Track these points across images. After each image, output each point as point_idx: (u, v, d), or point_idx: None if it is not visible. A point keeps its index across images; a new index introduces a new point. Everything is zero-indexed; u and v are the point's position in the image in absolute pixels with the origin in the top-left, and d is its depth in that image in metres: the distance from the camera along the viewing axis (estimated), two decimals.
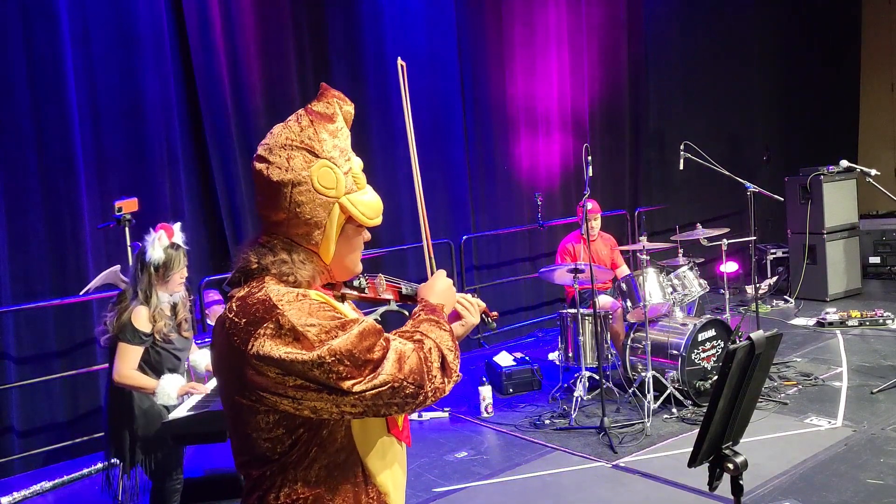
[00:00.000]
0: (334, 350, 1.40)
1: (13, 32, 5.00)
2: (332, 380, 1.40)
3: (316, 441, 1.50)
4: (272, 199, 1.54)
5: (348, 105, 1.65)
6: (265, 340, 1.42)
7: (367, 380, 1.42)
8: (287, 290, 1.49)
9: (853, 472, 4.03)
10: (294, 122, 1.57)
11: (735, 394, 2.00)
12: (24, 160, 5.08)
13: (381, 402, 1.44)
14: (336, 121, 1.60)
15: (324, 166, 1.54)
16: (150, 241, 3.41)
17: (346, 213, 1.57)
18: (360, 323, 1.47)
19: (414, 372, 1.46)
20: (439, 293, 1.74)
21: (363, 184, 1.62)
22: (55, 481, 4.76)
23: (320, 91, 1.63)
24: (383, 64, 6.82)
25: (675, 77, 9.31)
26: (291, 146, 1.54)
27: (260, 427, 1.48)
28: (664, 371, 5.21)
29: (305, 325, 1.42)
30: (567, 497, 4.08)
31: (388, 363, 1.45)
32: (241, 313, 1.47)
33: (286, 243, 1.56)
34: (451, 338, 1.59)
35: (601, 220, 6.11)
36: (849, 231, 8.43)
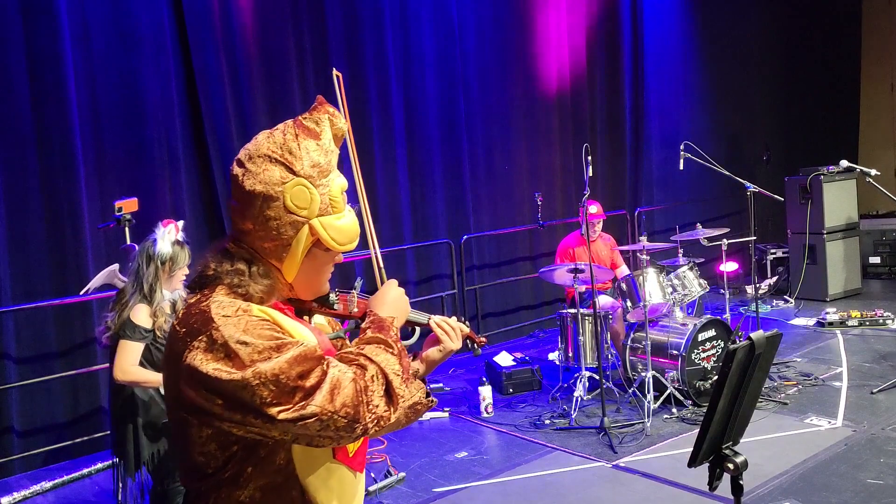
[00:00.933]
0: (260, 373, 1.33)
1: (13, 32, 5.00)
2: (256, 404, 1.33)
3: (252, 461, 1.43)
4: (243, 207, 1.50)
5: (341, 122, 1.59)
6: (197, 353, 1.36)
7: (294, 408, 1.34)
8: (230, 303, 1.43)
9: (853, 472, 4.03)
10: (279, 132, 1.52)
11: (735, 394, 2.00)
12: (24, 160, 5.08)
13: (310, 434, 1.37)
14: (322, 138, 1.54)
15: (299, 185, 1.48)
16: (158, 235, 3.40)
17: (316, 236, 1.51)
18: (298, 346, 1.39)
19: (347, 405, 1.38)
20: (390, 304, 1.65)
21: (340, 207, 1.54)
22: (55, 481, 4.76)
23: (315, 103, 1.58)
24: (384, 64, 6.82)
25: (675, 77, 9.31)
26: (270, 158, 1.48)
27: (194, 440, 1.42)
28: (664, 371, 5.21)
29: (238, 343, 1.36)
30: (567, 497, 4.08)
31: (319, 394, 1.36)
32: (182, 322, 1.43)
33: (249, 254, 1.51)
34: (398, 361, 1.49)
35: (602, 221, 6.11)
36: (849, 231, 8.43)
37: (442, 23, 7.21)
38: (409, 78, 7.04)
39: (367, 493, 4.23)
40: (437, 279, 7.30)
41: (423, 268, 7.23)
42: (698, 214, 9.08)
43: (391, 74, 6.89)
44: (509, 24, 7.73)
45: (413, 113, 7.08)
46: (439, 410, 5.55)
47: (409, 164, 7.07)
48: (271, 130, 1.53)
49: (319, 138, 1.53)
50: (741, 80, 10.10)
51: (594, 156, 6.67)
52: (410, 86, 7.05)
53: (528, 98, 7.89)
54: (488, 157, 7.65)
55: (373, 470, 4.51)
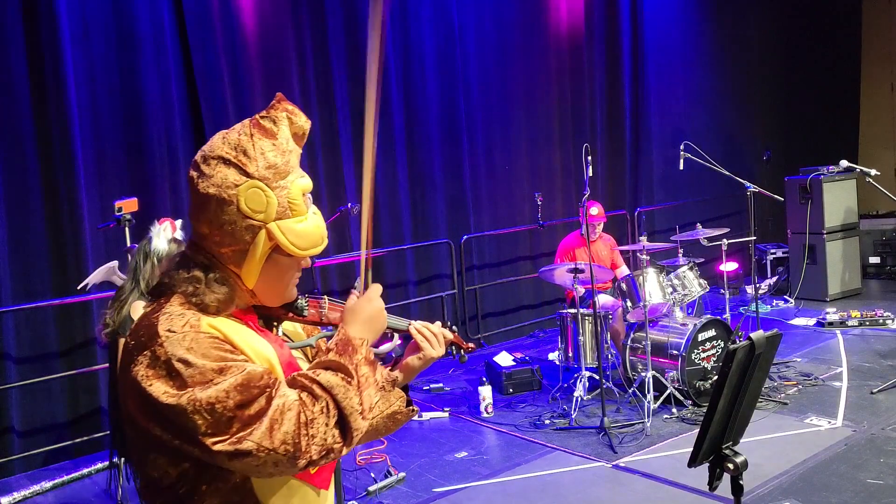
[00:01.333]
0: (195, 400, 1.26)
1: (13, 32, 5.00)
2: (190, 431, 1.27)
3: (205, 479, 1.36)
4: (198, 210, 1.43)
5: (301, 120, 1.51)
6: (140, 369, 1.31)
7: (230, 440, 1.27)
8: (179, 315, 1.36)
9: (853, 472, 4.03)
10: (235, 132, 1.44)
11: (735, 394, 2.00)
12: (24, 160, 5.08)
13: (248, 468, 1.31)
14: (279, 138, 1.45)
15: (253, 187, 1.40)
16: (155, 232, 3.40)
17: (274, 241, 1.42)
18: (242, 371, 1.31)
19: (287, 442, 1.30)
20: (363, 321, 1.50)
21: (301, 210, 1.45)
22: (55, 481, 4.76)
23: (273, 101, 1.50)
24: (384, 64, 6.80)
25: (675, 77, 9.31)
26: (223, 160, 1.41)
27: (147, 453, 1.36)
28: (664, 371, 5.21)
29: (180, 361, 1.29)
30: (567, 497, 4.08)
31: (258, 429, 1.28)
32: (132, 334, 1.37)
33: (207, 259, 1.44)
34: (356, 391, 1.39)
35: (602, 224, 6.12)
36: (849, 231, 8.43)
37: (442, 23, 7.21)
38: (410, 78, 7.04)
39: (367, 493, 4.24)
40: (437, 279, 7.30)
41: (423, 268, 7.23)
42: (698, 214, 9.07)
43: (391, 74, 6.89)
44: (510, 23, 7.73)
45: (413, 113, 7.08)
46: (439, 410, 5.55)
47: (409, 164, 7.07)
48: (228, 130, 1.46)
49: (276, 138, 1.45)
50: (741, 80, 10.11)
51: (594, 156, 6.67)
52: (411, 86, 7.05)
53: (529, 98, 7.89)
54: (488, 156, 7.65)
55: (373, 470, 4.51)
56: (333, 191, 6.56)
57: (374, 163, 1.68)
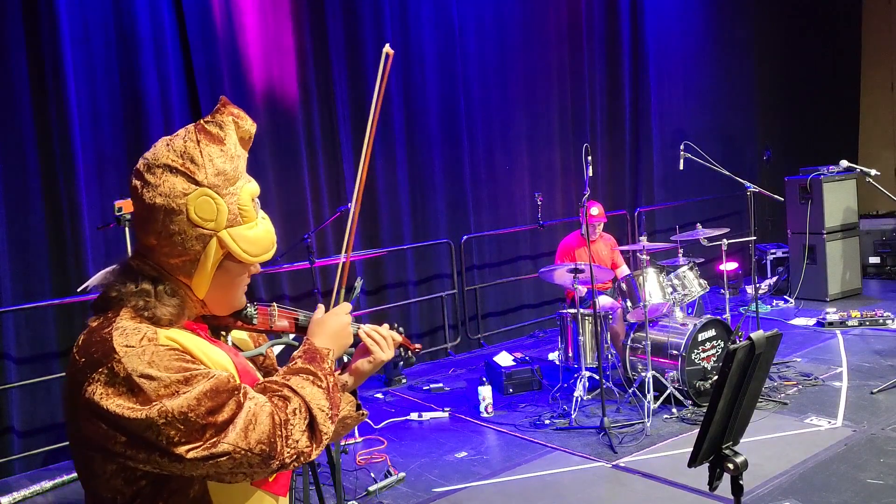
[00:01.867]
0: (166, 411, 1.23)
1: (13, 33, 5.00)
2: (162, 443, 1.24)
3: (162, 495, 1.33)
4: (145, 221, 1.38)
5: (247, 124, 1.48)
6: (97, 387, 1.25)
7: (205, 446, 1.25)
8: (134, 330, 1.31)
9: (853, 472, 4.03)
10: (180, 139, 1.40)
11: (735, 394, 2.00)
12: (24, 160, 5.08)
13: (222, 471, 1.29)
14: (227, 143, 1.42)
15: (203, 195, 1.36)
16: None
17: (225, 248, 1.39)
18: (209, 378, 1.29)
19: (262, 441, 1.29)
20: (330, 335, 1.51)
21: (252, 216, 1.42)
22: (55, 481, 4.76)
23: (217, 105, 1.46)
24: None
25: (675, 77, 9.31)
26: (170, 168, 1.36)
27: (97, 474, 1.32)
28: (664, 371, 5.21)
29: (142, 377, 1.25)
30: (567, 497, 4.08)
31: (233, 431, 1.27)
32: (82, 350, 1.31)
33: (156, 271, 1.40)
34: (325, 395, 1.40)
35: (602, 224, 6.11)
36: (849, 231, 8.43)
37: (442, 22, 7.21)
38: (410, 78, 7.04)
39: (367, 493, 4.24)
40: (437, 279, 7.31)
41: (423, 268, 7.23)
42: (698, 214, 9.08)
43: (391, 74, 6.88)
44: (510, 23, 7.73)
45: (413, 113, 7.08)
46: (439, 410, 5.55)
47: (409, 165, 7.07)
48: (171, 137, 1.42)
49: (224, 143, 1.41)
50: (741, 80, 10.11)
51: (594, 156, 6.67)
52: (411, 85, 7.05)
53: (529, 98, 7.89)
54: (488, 156, 7.65)
55: (373, 470, 4.51)
56: (334, 190, 6.56)
57: (360, 195, 1.70)
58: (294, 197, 6.30)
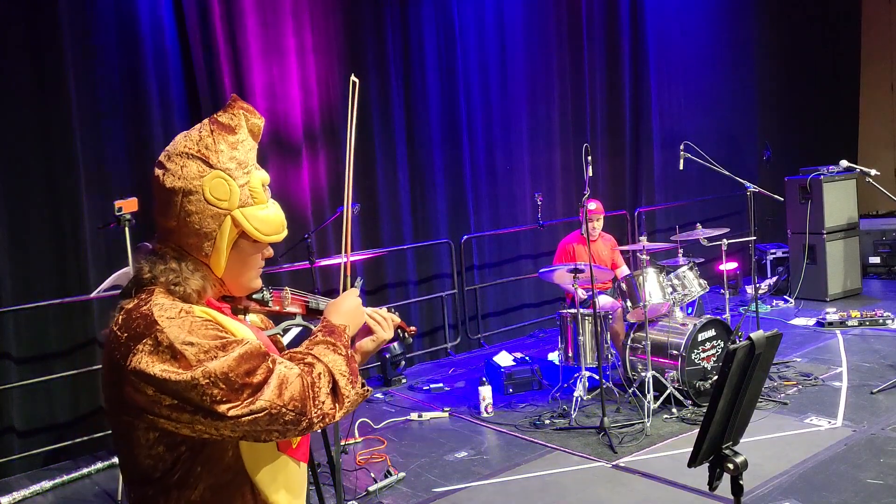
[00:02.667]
0: (209, 372, 1.35)
1: (13, 32, 5.00)
2: (206, 403, 1.35)
3: (199, 460, 1.44)
4: (164, 206, 1.53)
5: (256, 118, 1.62)
6: (143, 357, 1.37)
7: (244, 404, 1.37)
8: (171, 305, 1.44)
9: (853, 472, 4.03)
10: (196, 131, 1.55)
11: (735, 394, 2.00)
12: (25, 160, 5.08)
13: (259, 428, 1.40)
14: (238, 133, 1.57)
15: (217, 177, 1.51)
16: None
17: (239, 227, 1.53)
18: (243, 344, 1.41)
19: (295, 399, 1.41)
20: (345, 313, 1.66)
21: (262, 199, 1.56)
22: (55, 481, 4.76)
23: (229, 101, 1.60)
24: (384, 64, 6.82)
25: (675, 77, 9.31)
26: (188, 154, 1.52)
27: (140, 444, 1.43)
28: (664, 371, 5.22)
29: (184, 343, 1.37)
30: (567, 497, 4.08)
31: (268, 389, 1.39)
32: (123, 327, 1.43)
33: (177, 252, 1.53)
34: (345, 362, 1.54)
35: (602, 220, 6.11)
36: (849, 231, 8.43)
37: (442, 22, 7.21)
38: (410, 78, 7.04)
39: (367, 493, 4.24)
40: (437, 279, 7.31)
41: (423, 268, 7.23)
42: (698, 214, 9.07)
43: (391, 74, 6.89)
44: (509, 23, 7.72)
45: (413, 113, 7.08)
46: (439, 410, 5.55)
47: (409, 165, 7.07)
48: (188, 131, 1.57)
49: (236, 133, 1.56)
50: (741, 80, 10.10)
51: (594, 156, 6.67)
52: (411, 86, 7.05)
53: (529, 98, 7.89)
54: (488, 156, 7.65)
55: (373, 470, 4.51)
56: (335, 190, 6.56)
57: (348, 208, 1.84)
58: (294, 197, 6.31)
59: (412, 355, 7.05)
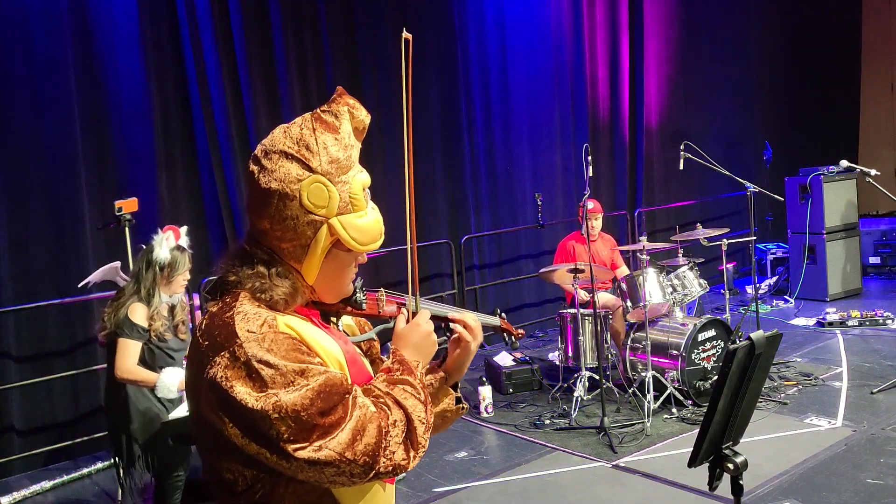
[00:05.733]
0: (280, 406, 1.26)
1: (13, 32, 5.00)
2: (273, 437, 1.27)
3: (282, 481, 1.36)
4: (259, 205, 1.42)
5: (363, 114, 1.51)
6: (218, 370, 1.30)
7: (312, 447, 1.27)
8: (255, 315, 1.35)
9: (853, 472, 4.03)
10: (297, 127, 1.43)
11: (735, 394, 2.00)
12: (25, 160, 5.08)
13: (321, 478, 1.30)
14: (341, 132, 1.45)
15: (316, 182, 1.39)
16: (157, 241, 3.44)
17: (335, 235, 1.42)
18: (323, 376, 1.31)
19: (367, 453, 1.30)
20: (416, 347, 1.52)
21: (362, 205, 1.46)
22: (55, 481, 4.76)
23: (334, 94, 1.48)
24: (384, 64, 6.82)
25: (675, 77, 9.31)
26: (286, 154, 1.40)
27: (221, 455, 1.36)
28: (664, 371, 5.21)
29: (260, 363, 1.28)
30: (567, 497, 4.08)
31: (341, 434, 1.29)
32: (206, 334, 1.36)
33: (268, 254, 1.43)
34: (424, 408, 1.41)
35: (602, 220, 6.11)
36: (849, 231, 8.43)
37: (442, 22, 7.21)
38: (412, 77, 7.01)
39: None
40: (437, 279, 7.31)
41: (423, 268, 7.22)
42: (698, 214, 9.07)
43: (392, 73, 6.88)
44: (510, 23, 7.73)
45: (414, 113, 7.04)
46: None
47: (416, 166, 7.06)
48: (289, 124, 1.45)
49: (338, 132, 1.45)
50: (741, 80, 10.10)
51: (594, 156, 6.67)
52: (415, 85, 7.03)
53: (529, 98, 7.89)
54: (489, 157, 7.65)
55: None
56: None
57: (412, 186, 1.64)
58: None
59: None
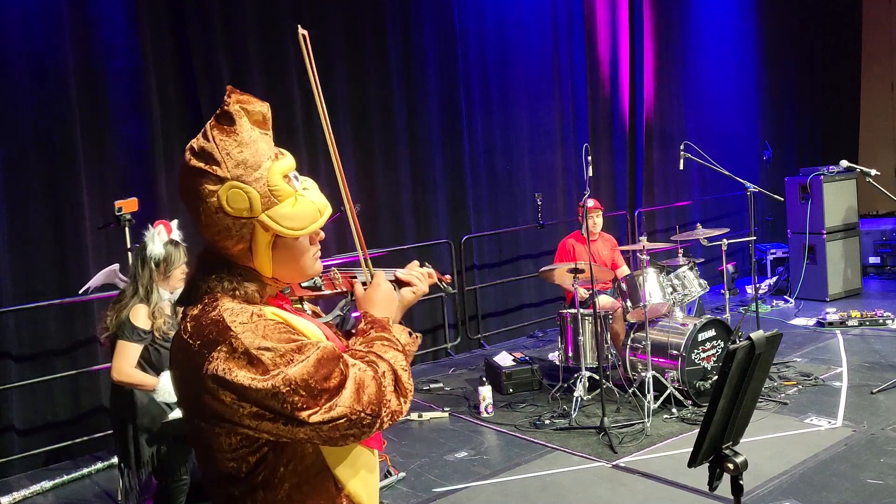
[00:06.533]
0: (289, 379, 1.34)
1: (14, 32, 5.00)
2: (287, 410, 1.35)
3: (283, 461, 1.45)
4: (197, 222, 1.48)
5: (256, 107, 1.52)
6: (219, 364, 1.36)
7: (323, 410, 1.36)
8: (241, 309, 1.43)
9: (853, 472, 4.03)
10: (198, 141, 1.48)
11: (735, 394, 2.00)
12: (26, 160, 5.08)
13: (336, 435, 1.40)
14: (241, 133, 1.47)
15: (231, 188, 1.43)
16: (149, 237, 3.42)
17: (270, 230, 1.47)
18: (318, 348, 1.40)
19: (372, 402, 1.41)
20: (381, 304, 1.64)
21: (286, 192, 1.48)
22: (55, 481, 4.76)
23: (224, 97, 1.50)
24: (384, 64, 6.82)
25: (675, 77, 9.32)
26: (196, 171, 1.45)
27: (222, 448, 1.44)
28: (664, 371, 5.22)
29: (259, 349, 1.36)
30: (567, 497, 4.08)
31: (346, 392, 1.39)
32: (195, 335, 1.41)
33: (224, 262, 1.51)
34: (403, 357, 1.54)
35: (602, 220, 6.11)
36: (849, 231, 8.43)
37: (443, 22, 7.21)
38: (410, 77, 7.04)
39: None
40: None
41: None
42: (698, 214, 9.08)
43: (392, 74, 6.89)
44: (510, 23, 7.73)
45: (414, 112, 7.08)
46: (439, 410, 5.55)
47: (410, 164, 7.07)
48: (194, 139, 1.50)
49: (237, 133, 1.47)
50: (741, 80, 10.11)
51: (594, 156, 6.67)
52: (411, 85, 7.05)
53: (529, 98, 7.89)
54: (488, 156, 7.65)
55: None
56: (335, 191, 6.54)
57: (341, 170, 1.76)
58: None
59: None
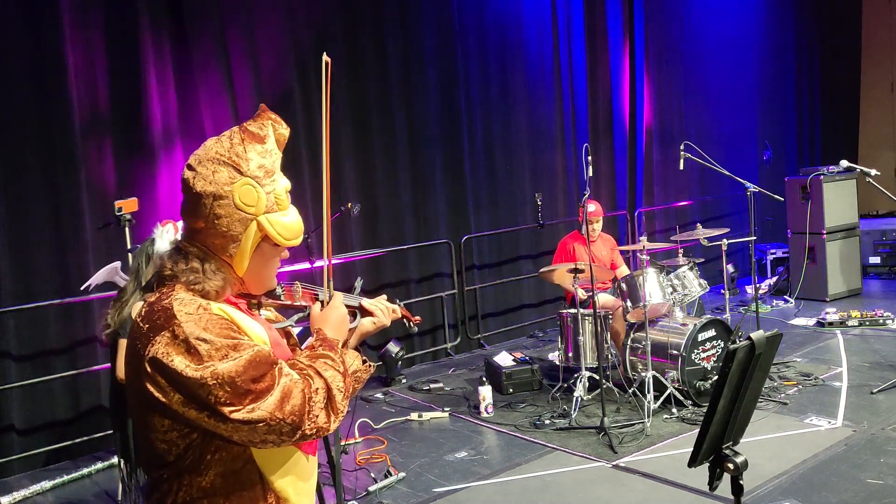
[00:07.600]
0: (218, 374, 1.43)
1: (14, 32, 5.00)
2: (211, 402, 1.43)
3: (211, 448, 1.53)
4: (194, 207, 1.60)
5: (283, 128, 1.71)
6: (160, 347, 1.46)
7: (245, 410, 1.44)
8: (191, 300, 1.53)
9: (853, 472, 4.03)
10: (226, 138, 1.63)
11: (735, 394, 2.00)
12: (25, 160, 5.08)
13: (255, 437, 1.48)
14: (267, 142, 1.65)
15: (246, 184, 1.59)
16: (157, 234, 3.41)
17: (263, 231, 1.62)
18: (253, 349, 1.49)
19: (294, 413, 1.48)
20: (333, 325, 1.75)
21: (285, 206, 1.66)
22: (55, 481, 4.76)
23: (258, 111, 1.69)
24: (384, 63, 6.82)
25: (674, 77, 9.31)
26: (219, 161, 1.59)
27: (156, 429, 1.52)
28: (664, 371, 5.21)
29: (198, 339, 1.45)
30: (567, 497, 4.08)
31: (271, 398, 1.47)
32: (145, 319, 1.52)
33: (202, 251, 1.61)
34: (342, 378, 1.61)
35: (602, 221, 6.11)
36: (849, 231, 8.43)
37: (443, 21, 7.21)
38: (410, 77, 7.04)
39: (367, 493, 4.24)
40: (437, 279, 7.31)
41: (423, 267, 7.23)
42: (698, 214, 9.08)
43: (392, 74, 6.89)
44: (510, 23, 7.73)
45: (414, 112, 7.08)
46: (439, 410, 5.55)
47: (410, 165, 7.07)
48: (218, 137, 1.64)
49: (264, 142, 1.65)
50: (741, 80, 10.10)
51: (594, 156, 6.67)
52: (411, 85, 7.05)
53: (529, 98, 7.89)
54: (488, 156, 7.65)
55: (373, 470, 4.51)
56: (336, 190, 6.56)
57: (328, 200, 1.89)
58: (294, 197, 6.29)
59: (412, 355, 7.05)
